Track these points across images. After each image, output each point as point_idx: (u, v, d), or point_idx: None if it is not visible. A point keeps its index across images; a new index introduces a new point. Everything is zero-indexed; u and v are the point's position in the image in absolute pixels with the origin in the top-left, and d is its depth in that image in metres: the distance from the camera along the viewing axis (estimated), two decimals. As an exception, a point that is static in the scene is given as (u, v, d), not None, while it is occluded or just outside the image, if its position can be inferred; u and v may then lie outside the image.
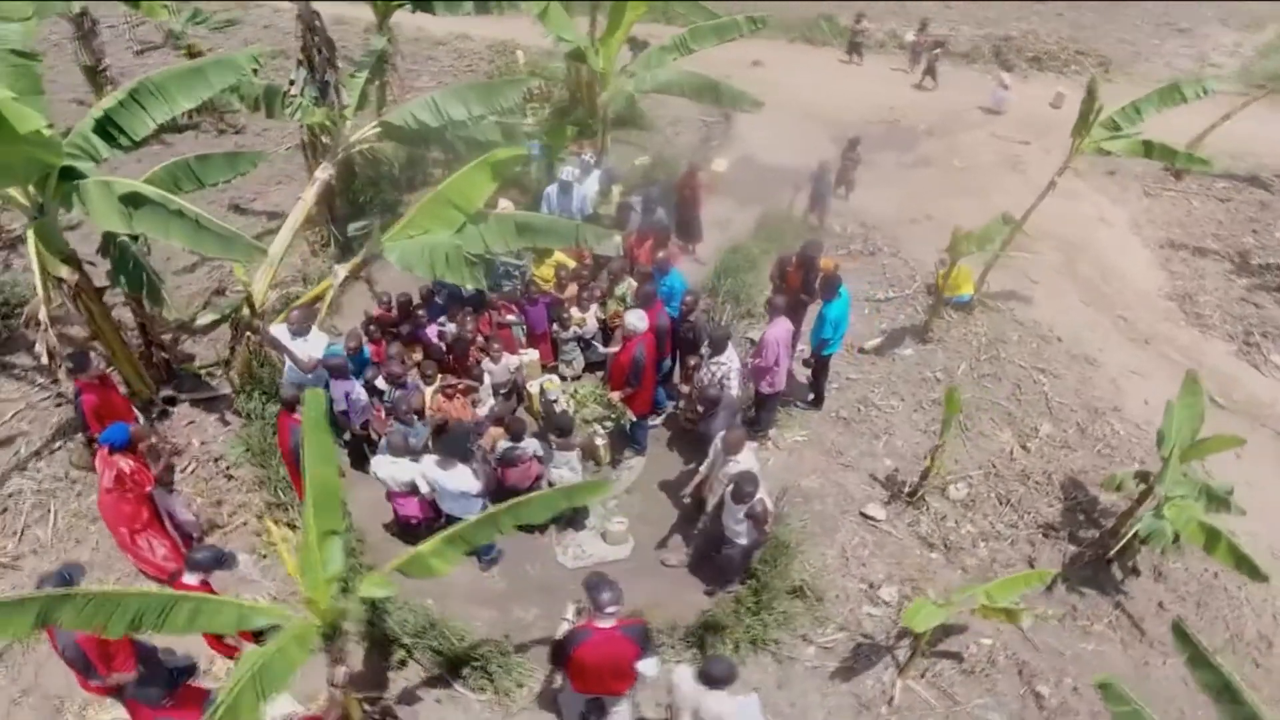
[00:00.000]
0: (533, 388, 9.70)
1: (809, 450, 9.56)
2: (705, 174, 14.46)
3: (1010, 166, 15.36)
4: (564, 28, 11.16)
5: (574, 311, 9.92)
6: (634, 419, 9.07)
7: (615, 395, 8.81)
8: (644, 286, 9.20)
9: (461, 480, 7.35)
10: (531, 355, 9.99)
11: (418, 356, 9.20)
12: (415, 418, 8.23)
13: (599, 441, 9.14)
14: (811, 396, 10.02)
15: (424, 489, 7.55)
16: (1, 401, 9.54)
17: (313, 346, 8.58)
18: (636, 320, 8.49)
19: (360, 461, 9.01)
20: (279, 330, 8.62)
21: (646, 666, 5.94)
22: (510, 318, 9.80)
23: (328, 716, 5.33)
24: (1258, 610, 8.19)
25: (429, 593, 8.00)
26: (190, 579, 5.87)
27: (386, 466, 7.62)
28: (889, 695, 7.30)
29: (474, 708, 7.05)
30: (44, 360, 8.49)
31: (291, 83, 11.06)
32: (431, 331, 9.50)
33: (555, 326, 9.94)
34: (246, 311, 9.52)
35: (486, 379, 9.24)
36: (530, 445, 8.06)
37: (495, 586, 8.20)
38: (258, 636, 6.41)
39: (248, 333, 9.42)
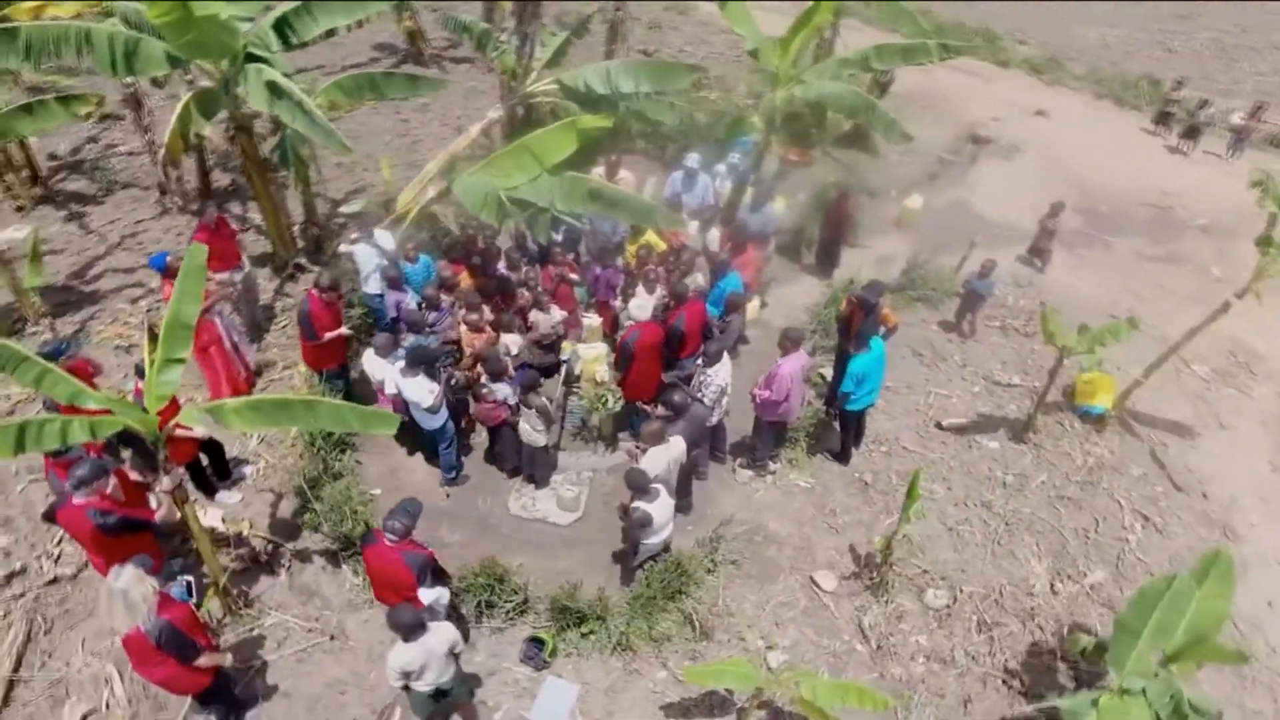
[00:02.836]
0: (585, 351, 10.05)
1: (804, 498, 8.90)
2: (897, 209, 13.76)
3: (1286, 292, 12.47)
4: (742, 22, 11.07)
5: (639, 290, 10.06)
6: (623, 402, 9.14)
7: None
8: (683, 281, 9.10)
9: (416, 391, 7.97)
10: (593, 321, 10.35)
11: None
12: (430, 335, 9.02)
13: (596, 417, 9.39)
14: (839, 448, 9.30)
15: (389, 390, 8.31)
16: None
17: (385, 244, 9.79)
18: (635, 309, 8.51)
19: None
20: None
21: (426, 597, 6.24)
22: (573, 276, 10.18)
23: (159, 514, 6.26)
24: None
25: (383, 484, 8.89)
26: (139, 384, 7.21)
27: (370, 361, 8.49)
28: (708, 750, 6.80)
29: (345, 586, 7.75)
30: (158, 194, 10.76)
31: (503, 30, 12.34)
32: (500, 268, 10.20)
33: (618, 300, 10.20)
34: (383, 210, 11.03)
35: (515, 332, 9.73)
36: (501, 390, 8.44)
37: (441, 503, 8.76)
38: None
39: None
